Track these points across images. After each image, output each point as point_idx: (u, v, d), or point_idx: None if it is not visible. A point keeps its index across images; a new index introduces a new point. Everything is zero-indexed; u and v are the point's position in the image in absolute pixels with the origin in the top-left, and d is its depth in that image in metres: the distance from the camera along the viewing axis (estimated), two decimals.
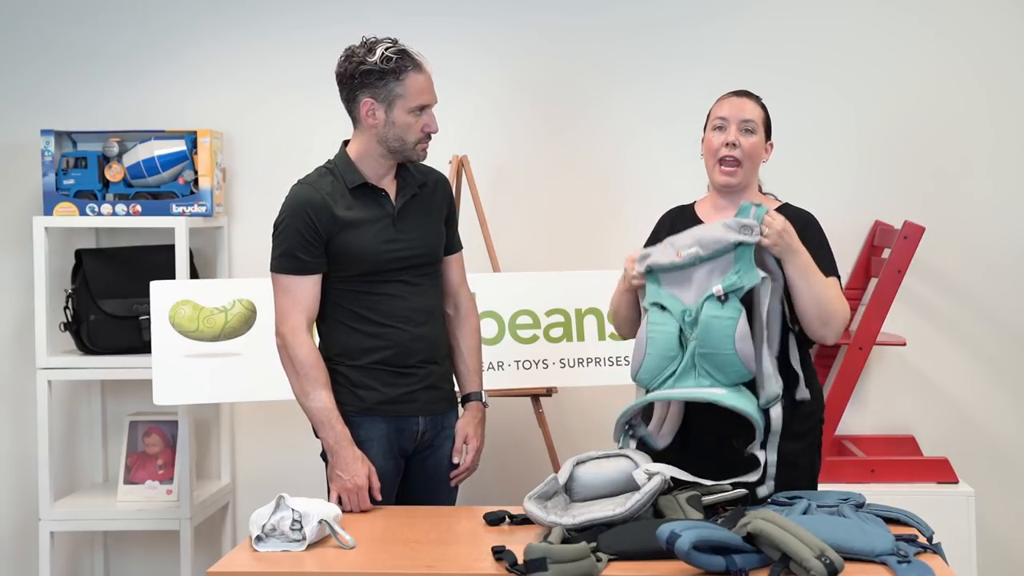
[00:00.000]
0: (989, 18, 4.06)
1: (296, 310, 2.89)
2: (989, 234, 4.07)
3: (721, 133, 2.88)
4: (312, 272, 2.90)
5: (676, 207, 3.05)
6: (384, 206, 2.94)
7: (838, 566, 2.19)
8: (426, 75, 2.88)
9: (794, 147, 4.09)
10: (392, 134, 2.88)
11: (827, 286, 2.76)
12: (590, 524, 2.50)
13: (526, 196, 4.17)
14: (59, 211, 3.92)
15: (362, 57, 2.85)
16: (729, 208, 2.90)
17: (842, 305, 2.78)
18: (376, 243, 2.90)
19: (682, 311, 2.67)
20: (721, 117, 2.89)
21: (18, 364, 4.22)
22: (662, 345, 2.68)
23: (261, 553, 2.49)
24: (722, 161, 2.87)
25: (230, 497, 4.23)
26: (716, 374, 2.65)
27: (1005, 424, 4.09)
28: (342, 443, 2.86)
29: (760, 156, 2.92)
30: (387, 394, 2.93)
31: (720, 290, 2.62)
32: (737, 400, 2.61)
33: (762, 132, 2.91)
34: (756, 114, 2.90)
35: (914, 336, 4.00)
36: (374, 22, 4.11)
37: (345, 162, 2.94)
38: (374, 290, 2.92)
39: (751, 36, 4.11)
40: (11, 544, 4.28)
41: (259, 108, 4.20)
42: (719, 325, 2.62)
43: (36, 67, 4.23)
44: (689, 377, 2.66)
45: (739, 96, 2.92)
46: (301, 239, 2.87)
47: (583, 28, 4.14)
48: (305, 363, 2.87)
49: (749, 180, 2.91)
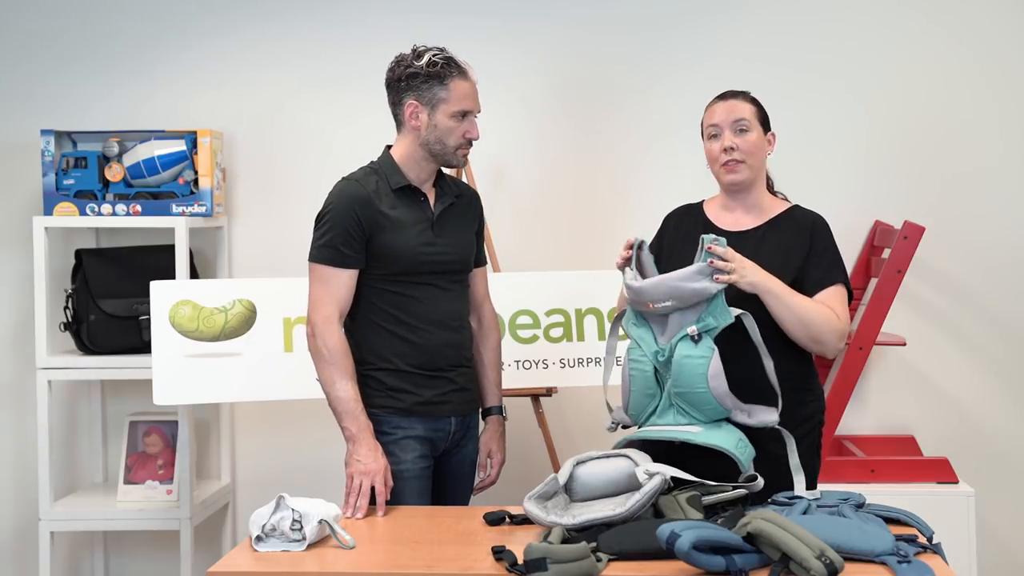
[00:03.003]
0: (992, 17, 4.06)
1: (330, 300, 2.94)
2: (989, 234, 4.07)
3: (717, 140, 2.90)
4: (350, 266, 2.95)
5: (683, 206, 3.06)
6: (424, 210, 3.01)
7: (838, 566, 2.19)
8: (471, 83, 2.96)
9: (795, 147, 4.08)
10: (434, 137, 2.95)
11: (810, 305, 2.76)
12: (590, 524, 2.50)
13: (526, 196, 4.17)
14: (59, 211, 3.92)
15: (409, 62, 2.95)
16: (737, 209, 2.93)
17: (834, 320, 2.77)
18: (415, 244, 2.96)
19: (655, 352, 2.74)
20: (713, 124, 2.90)
21: (18, 364, 4.22)
22: (641, 384, 2.76)
23: (261, 553, 2.49)
24: (725, 164, 2.89)
25: (230, 497, 4.23)
26: (693, 411, 2.71)
27: (1005, 424, 4.09)
28: (364, 432, 2.90)
29: (762, 150, 2.92)
30: (422, 396, 2.98)
31: (695, 331, 2.68)
32: (711, 438, 2.67)
33: (758, 126, 2.91)
34: (747, 111, 2.90)
35: (914, 336, 4.00)
36: (373, 22, 4.16)
37: (389, 164, 3.01)
38: (408, 292, 2.98)
39: (751, 35, 4.11)
40: (11, 544, 4.28)
41: (259, 108, 4.20)
42: (691, 364, 2.68)
43: (36, 67, 4.23)
44: (668, 414, 2.75)
45: (726, 99, 2.92)
46: (344, 232, 2.92)
47: (583, 27, 4.14)
48: (334, 352, 2.91)
49: (756, 176, 2.92)
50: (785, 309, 2.73)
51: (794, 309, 2.74)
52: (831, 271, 2.84)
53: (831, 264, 2.85)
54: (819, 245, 2.86)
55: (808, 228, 2.89)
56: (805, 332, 2.75)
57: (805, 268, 2.84)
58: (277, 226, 4.18)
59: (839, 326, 2.78)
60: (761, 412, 2.75)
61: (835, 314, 2.79)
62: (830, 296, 2.82)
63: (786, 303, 2.74)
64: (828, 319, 2.77)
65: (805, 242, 2.87)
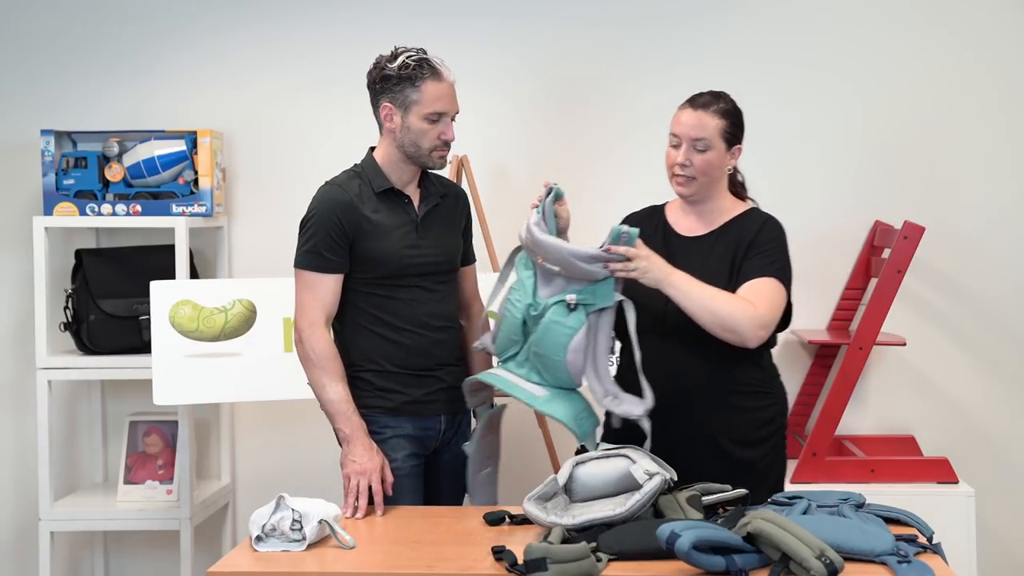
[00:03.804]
0: (991, 17, 4.06)
1: (316, 306, 2.96)
2: (989, 234, 4.07)
3: (675, 151, 2.88)
4: (335, 271, 2.96)
5: (647, 208, 3.06)
6: (408, 212, 3.02)
7: (838, 566, 2.20)
8: (445, 84, 2.97)
9: (795, 146, 4.09)
10: (408, 139, 2.96)
11: (718, 295, 2.73)
12: (590, 524, 2.50)
13: (526, 196, 4.15)
14: (59, 211, 3.92)
15: (384, 64, 2.96)
16: (693, 214, 2.94)
17: (749, 308, 2.73)
18: (399, 247, 2.97)
19: (528, 304, 2.78)
20: (675, 134, 2.89)
21: (18, 364, 4.22)
22: (509, 327, 2.82)
23: (261, 553, 2.49)
24: (676, 176, 2.89)
25: (230, 497, 4.23)
26: (545, 374, 2.77)
27: (1005, 424, 4.09)
28: (357, 432, 2.91)
29: (718, 168, 2.89)
30: (411, 395, 2.98)
31: (573, 299, 2.70)
32: (551, 408, 2.75)
33: (720, 144, 2.87)
34: (712, 129, 2.85)
35: (914, 336, 4.00)
36: (371, 23, 4.16)
37: (372, 167, 3.03)
38: (394, 294, 2.99)
39: (750, 34, 4.11)
40: (11, 544, 4.28)
41: (259, 108, 4.20)
42: (557, 331, 2.72)
43: (36, 67, 4.23)
44: (525, 365, 2.82)
45: (696, 109, 2.88)
46: (327, 238, 2.94)
47: (583, 27, 4.14)
48: (322, 356, 2.93)
49: (707, 193, 2.91)
50: (688, 301, 2.71)
51: (698, 300, 2.71)
52: (767, 265, 2.81)
53: (770, 259, 2.82)
54: (761, 239, 2.84)
55: (757, 225, 2.87)
56: (714, 321, 2.72)
57: (743, 261, 2.83)
58: (277, 226, 4.17)
59: (754, 314, 2.73)
60: (629, 403, 2.75)
61: (750, 303, 2.74)
62: (756, 286, 2.78)
63: (688, 295, 2.71)
64: (739, 307, 2.73)
65: (749, 239, 2.86)
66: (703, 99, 2.90)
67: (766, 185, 4.08)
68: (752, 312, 2.73)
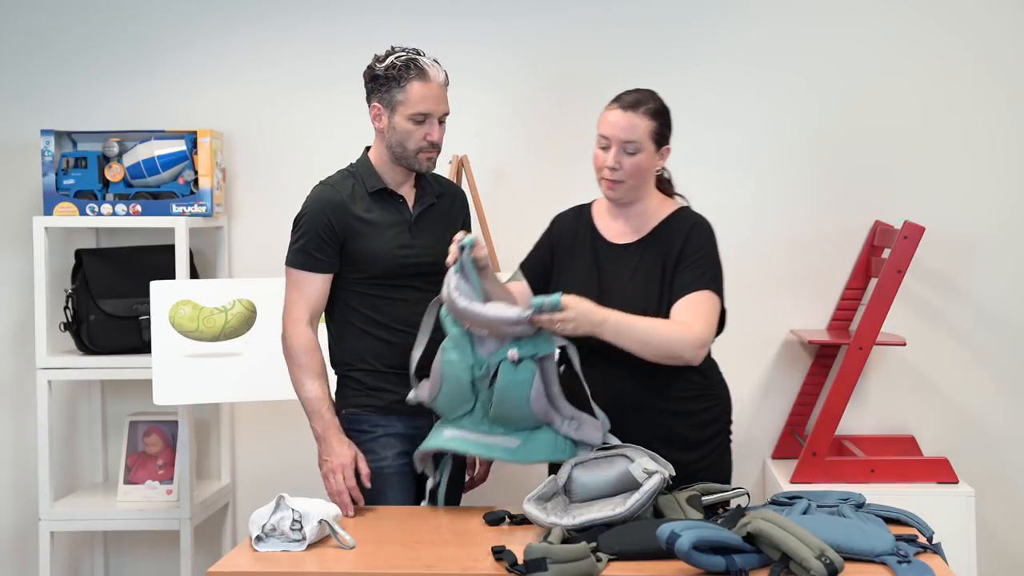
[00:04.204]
0: (992, 17, 4.05)
1: (301, 304, 2.98)
2: (989, 234, 4.07)
3: (604, 152, 2.82)
4: (323, 270, 2.98)
5: (573, 209, 3.02)
6: (402, 212, 3.02)
7: (838, 566, 2.20)
8: (432, 85, 2.95)
9: (795, 146, 4.09)
10: (395, 140, 2.97)
11: (653, 326, 2.69)
12: (590, 524, 2.50)
13: (526, 196, 4.17)
14: (59, 211, 3.92)
15: (374, 64, 2.97)
16: (622, 219, 2.89)
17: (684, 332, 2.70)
18: (391, 247, 2.98)
19: (471, 364, 2.69)
20: (604, 136, 2.82)
21: (18, 364, 4.22)
22: (455, 388, 2.73)
23: (261, 553, 2.49)
24: (605, 179, 2.84)
25: (230, 497, 4.23)
26: (508, 424, 2.72)
27: (1005, 424, 4.09)
28: (330, 431, 2.93)
29: (647, 170, 2.85)
30: (402, 395, 2.96)
31: (515, 355, 2.64)
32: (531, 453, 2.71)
33: (650, 145, 2.82)
34: (642, 131, 2.80)
35: (914, 336, 3.99)
36: (371, 23, 4.15)
37: (366, 167, 3.04)
38: (386, 294, 2.99)
39: (750, 36, 4.11)
40: (11, 544, 4.28)
41: (259, 108, 4.20)
42: (515, 390, 2.66)
43: (36, 67, 4.23)
44: (483, 422, 2.74)
45: (626, 111, 2.81)
46: (316, 238, 2.96)
47: (583, 26, 4.13)
48: (300, 352, 2.96)
49: (635, 195, 2.87)
50: (624, 340, 2.68)
51: (634, 338, 2.68)
52: (699, 277, 2.78)
53: (701, 271, 2.79)
54: (690, 248, 2.81)
55: (685, 233, 2.84)
56: (655, 353, 2.70)
57: (674, 273, 2.80)
58: (277, 226, 4.13)
59: (691, 337, 2.71)
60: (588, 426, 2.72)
61: (686, 326, 2.72)
62: (690, 302, 2.76)
63: (623, 335, 2.67)
64: (676, 334, 2.71)
65: (679, 248, 2.82)
66: (632, 98, 2.83)
67: (767, 185, 4.11)
68: (689, 335, 2.72)
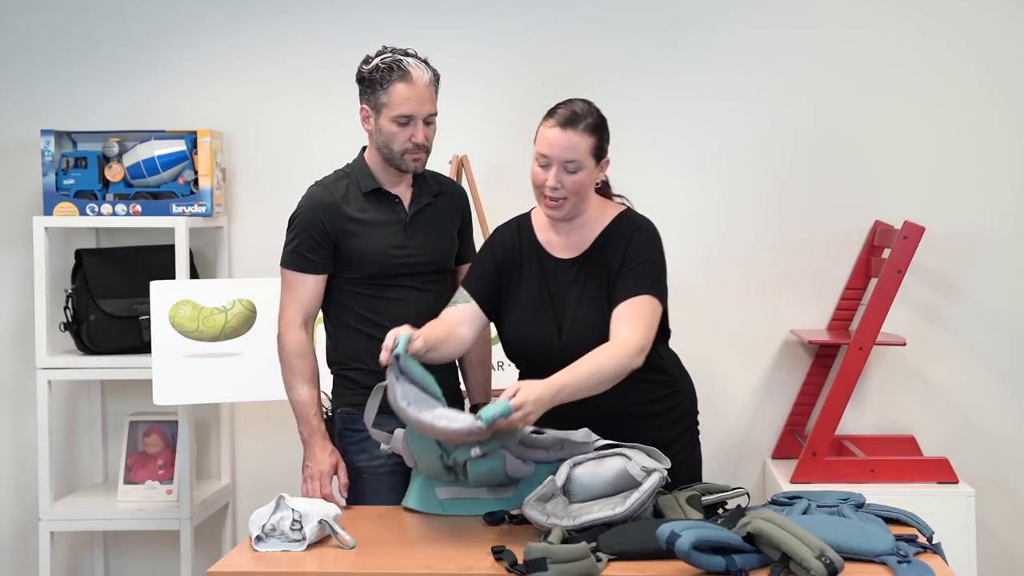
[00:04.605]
0: (993, 17, 4.05)
1: (294, 305, 2.99)
2: (989, 234, 4.07)
3: (544, 171, 2.77)
4: (316, 271, 2.98)
5: (512, 222, 2.99)
6: (397, 212, 3.02)
7: (838, 566, 2.19)
8: (415, 86, 2.92)
9: (795, 146, 4.09)
10: (381, 141, 2.98)
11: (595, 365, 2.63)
12: (590, 525, 2.50)
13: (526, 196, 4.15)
14: (59, 211, 3.92)
15: (361, 65, 2.98)
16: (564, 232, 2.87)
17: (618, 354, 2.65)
18: (385, 247, 2.97)
19: (439, 455, 2.65)
20: (543, 155, 2.77)
21: (18, 364, 4.22)
22: (429, 467, 2.70)
23: (261, 553, 2.49)
24: (546, 198, 2.80)
25: (230, 497, 4.23)
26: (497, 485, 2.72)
27: (1005, 424, 4.09)
28: (315, 436, 2.95)
29: (588, 186, 2.81)
30: None
31: (479, 452, 2.61)
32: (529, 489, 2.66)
33: (590, 160, 2.78)
34: (582, 149, 2.75)
35: (914, 336, 3.99)
36: (372, 22, 4.15)
37: (361, 167, 3.04)
38: (381, 294, 2.99)
39: (750, 37, 4.11)
40: (11, 544, 4.28)
41: (259, 108, 4.20)
42: (490, 476, 2.66)
43: (36, 67, 4.23)
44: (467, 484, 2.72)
45: (564, 129, 2.75)
46: (310, 239, 2.96)
47: (584, 26, 4.13)
48: (291, 355, 2.97)
49: (578, 210, 2.84)
50: (580, 394, 2.63)
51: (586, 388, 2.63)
52: (639, 283, 2.75)
53: (642, 275, 2.76)
54: (630, 254, 2.79)
55: (627, 240, 2.81)
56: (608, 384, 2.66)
57: (616, 280, 2.78)
58: (277, 226, 4.11)
59: (630, 351, 2.67)
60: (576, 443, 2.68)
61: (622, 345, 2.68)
62: (630, 307, 2.73)
63: (578, 391, 2.62)
64: (617, 358, 2.66)
65: (622, 253, 2.80)
66: (569, 115, 2.77)
67: (767, 185, 4.10)
68: (628, 350, 2.67)
